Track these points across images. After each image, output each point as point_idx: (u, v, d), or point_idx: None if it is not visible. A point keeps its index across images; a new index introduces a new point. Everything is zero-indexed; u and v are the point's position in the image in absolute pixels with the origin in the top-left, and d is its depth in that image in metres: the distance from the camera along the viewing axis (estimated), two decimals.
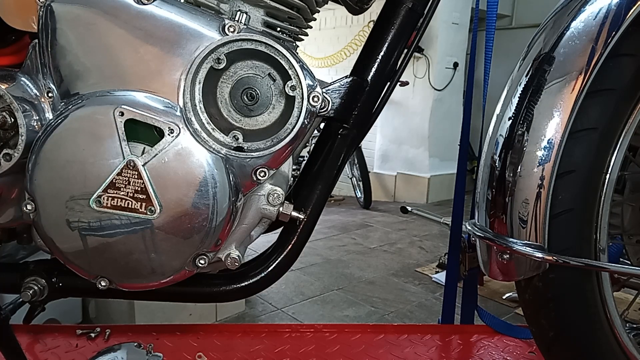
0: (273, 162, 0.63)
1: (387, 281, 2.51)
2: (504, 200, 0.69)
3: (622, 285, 1.03)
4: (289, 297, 2.26)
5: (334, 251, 2.99)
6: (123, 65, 0.61)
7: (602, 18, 0.65)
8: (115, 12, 0.60)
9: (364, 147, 4.52)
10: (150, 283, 0.64)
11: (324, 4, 0.71)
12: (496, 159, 0.70)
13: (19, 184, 0.62)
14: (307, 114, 0.62)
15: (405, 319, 2.09)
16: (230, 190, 0.61)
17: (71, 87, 0.62)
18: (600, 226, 0.70)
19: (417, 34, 0.74)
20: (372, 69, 0.70)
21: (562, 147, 0.65)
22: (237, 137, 0.61)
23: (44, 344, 1.01)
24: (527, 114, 0.67)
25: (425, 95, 4.55)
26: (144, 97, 0.60)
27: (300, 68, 0.61)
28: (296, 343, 1.06)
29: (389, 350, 1.05)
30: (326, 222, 3.64)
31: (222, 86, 0.63)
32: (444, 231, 3.39)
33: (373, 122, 0.75)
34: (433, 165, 4.63)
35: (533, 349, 1.08)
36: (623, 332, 0.73)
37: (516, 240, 0.68)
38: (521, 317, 1.82)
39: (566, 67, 0.66)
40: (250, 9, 0.63)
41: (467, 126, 1.23)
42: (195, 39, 0.60)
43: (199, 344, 1.04)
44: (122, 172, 0.58)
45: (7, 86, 0.61)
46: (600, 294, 0.71)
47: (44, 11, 0.60)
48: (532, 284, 0.72)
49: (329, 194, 0.72)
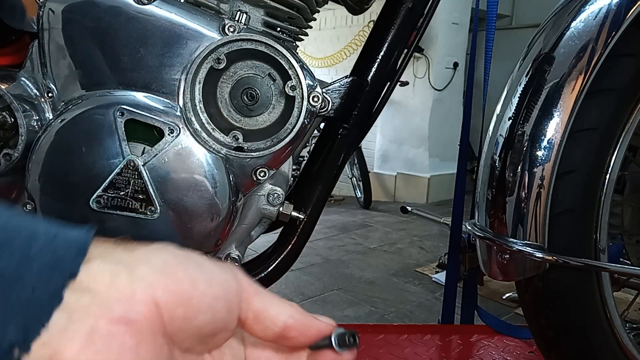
0: (273, 162, 0.63)
1: (387, 281, 2.51)
2: (504, 200, 0.69)
3: (622, 285, 1.03)
4: (289, 297, 2.26)
5: (334, 251, 2.99)
6: (123, 65, 0.61)
7: (602, 18, 0.65)
8: (115, 12, 0.60)
9: (364, 147, 4.51)
10: None
11: (324, 4, 0.70)
12: (496, 159, 0.70)
13: (19, 184, 0.62)
14: (307, 114, 0.62)
15: (405, 319, 2.09)
16: (230, 190, 0.61)
17: (71, 87, 0.62)
18: (600, 226, 0.70)
19: (417, 34, 0.74)
20: (372, 69, 0.70)
21: (562, 147, 0.65)
22: (237, 137, 0.61)
23: None
24: (527, 114, 0.67)
25: (425, 95, 4.55)
26: (144, 97, 0.60)
27: (300, 68, 0.61)
28: None
29: (389, 350, 1.05)
30: (326, 222, 3.64)
31: (222, 86, 0.62)
32: (444, 231, 3.39)
33: (373, 122, 0.75)
34: (433, 165, 4.63)
35: (533, 349, 1.08)
36: (623, 332, 0.73)
37: (516, 240, 0.68)
38: (521, 317, 1.82)
39: (566, 67, 0.66)
40: (250, 9, 0.63)
41: (467, 126, 1.23)
42: (195, 39, 0.60)
43: None
44: (122, 172, 0.58)
45: (7, 86, 0.61)
46: (600, 294, 0.71)
47: (43, 11, 0.60)
48: (532, 284, 0.72)
49: (329, 194, 0.72)
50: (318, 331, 0.29)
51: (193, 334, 0.26)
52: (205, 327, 0.26)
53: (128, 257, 0.25)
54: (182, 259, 0.26)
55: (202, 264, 0.27)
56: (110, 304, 0.23)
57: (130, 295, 0.23)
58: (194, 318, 0.25)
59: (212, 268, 0.27)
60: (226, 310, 0.27)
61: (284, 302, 0.30)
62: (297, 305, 0.30)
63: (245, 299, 0.28)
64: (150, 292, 0.24)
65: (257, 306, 0.28)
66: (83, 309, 0.22)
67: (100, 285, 0.23)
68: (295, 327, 0.29)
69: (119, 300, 0.23)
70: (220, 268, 0.28)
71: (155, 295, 0.24)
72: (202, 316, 0.25)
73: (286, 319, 0.29)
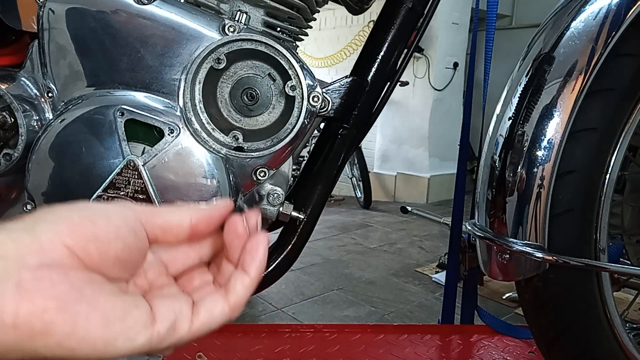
0: (273, 162, 0.63)
1: (387, 281, 2.51)
2: (504, 200, 0.69)
3: (622, 285, 1.03)
4: (289, 297, 2.26)
5: (334, 251, 2.98)
6: (123, 65, 0.61)
7: (602, 18, 0.65)
8: (115, 12, 0.60)
9: (364, 147, 4.51)
10: None
11: (324, 4, 0.70)
12: (496, 159, 0.70)
13: (19, 184, 0.62)
14: (307, 114, 0.62)
15: (405, 319, 2.08)
16: (230, 190, 0.61)
17: (71, 87, 0.62)
18: (600, 226, 0.70)
19: (417, 34, 0.74)
20: (372, 69, 0.70)
21: (562, 147, 0.65)
22: (237, 137, 0.61)
23: None
24: (527, 114, 0.67)
25: (425, 95, 4.55)
26: (144, 97, 0.60)
27: (300, 68, 0.61)
28: (296, 343, 1.06)
29: (389, 350, 1.05)
30: (326, 222, 3.64)
31: (222, 86, 0.62)
32: (444, 231, 3.39)
33: (373, 122, 0.75)
34: (433, 165, 4.63)
35: (533, 349, 1.08)
36: (623, 332, 0.73)
37: (516, 240, 0.68)
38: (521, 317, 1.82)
39: (566, 67, 0.66)
40: (250, 9, 0.63)
41: (467, 126, 1.23)
42: (195, 39, 0.60)
43: (199, 343, 1.04)
44: (122, 172, 0.58)
45: (7, 86, 0.61)
46: (600, 294, 0.71)
47: (43, 11, 0.60)
48: (532, 284, 0.72)
49: (329, 194, 0.72)
50: (220, 214, 0.34)
51: (114, 263, 0.29)
52: (121, 254, 0.29)
53: (24, 224, 0.27)
54: (74, 208, 0.29)
55: (93, 206, 0.31)
56: (24, 260, 0.25)
57: (39, 247, 0.26)
58: (108, 249, 0.28)
59: (104, 206, 0.31)
60: (133, 235, 0.30)
61: (180, 208, 0.34)
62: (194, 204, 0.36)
63: (147, 221, 0.32)
64: (57, 240, 0.27)
65: (160, 222, 0.32)
66: (1, 273, 0.25)
67: (8, 251, 0.25)
68: (201, 222, 0.34)
69: (30, 253, 0.26)
70: (112, 205, 0.31)
71: (63, 241, 0.27)
72: (114, 245, 0.29)
73: (190, 220, 0.33)
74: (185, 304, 0.31)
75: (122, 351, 0.27)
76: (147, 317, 0.28)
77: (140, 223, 0.31)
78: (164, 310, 0.29)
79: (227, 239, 0.34)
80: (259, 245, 0.33)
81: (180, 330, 0.30)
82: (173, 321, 0.29)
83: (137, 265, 0.32)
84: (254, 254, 0.33)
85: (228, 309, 0.32)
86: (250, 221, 0.34)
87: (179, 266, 0.35)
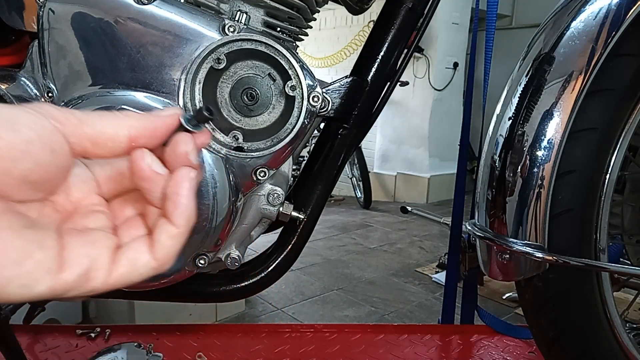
0: (273, 162, 0.63)
1: (387, 281, 2.51)
2: (504, 200, 0.69)
3: (622, 285, 1.03)
4: (289, 297, 2.26)
5: (334, 251, 2.99)
6: (123, 65, 0.61)
7: (602, 18, 0.65)
8: (115, 12, 0.60)
9: (364, 147, 4.52)
10: (150, 283, 0.64)
11: (324, 4, 0.70)
12: (496, 159, 0.70)
13: None
14: (307, 114, 0.62)
15: (405, 319, 2.09)
16: (230, 190, 0.61)
17: (71, 87, 0.62)
18: (600, 226, 0.70)
19: (417, 34, 0.74)
20: (372, 69, 0.70)
21: (562, 147, 0.65)
22: (237, 137, 0.61)
23: (44, 344, 1.01)
24: (527, 114, 0.67)
25: (425, 95, 4.55)
26: (144, 97, 0.60)
27: (300, 68, 0.61)
28: (296, 343, 1.06)
29: (389, 350, 1.05)
30: (326, 222, 3.64)
31: (222, 86, 0.62)
32: (444, 231, 3.39)
33: (373, 122, 0.75)
34: (433, 165, 4.63)
35: (533, 349, 1.08)
36: (623, 332, 0.73)
37: (516, 240, 0.68)
38: (521, 317, 1.82)
39: (566, 67, 0.66)
40: (250, 9, 0.63)
41: (467, 126, 1.23)
42: (195, 39, 0.60)
43: (199, 344, 1.04)
44: None
45: (7, 86, 0.61)
46: (600, 294, 0.71)
47: (43, 11, 0.60)
48: (532, 284, 0.72)
49: (329, 194, 0.72)
50: (166, 127, 0.28)
51: (20, 185, 0.24)
52: (31, 175, 0.24)
53: None
54: None
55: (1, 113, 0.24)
56: None
57: None
58: (11, 168, 0.23)
59: (14, 114, 0.24)
60: (49, 151, 0.24)
61: (115, 115, 0.27)
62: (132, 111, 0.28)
63: (72, 132, 0.26)
64: None
65: (90, 132, 0.26)
66: None
67: None
68: (141, 134, 0.27)
69: None
70: (26, 111, 0.25)
71: None
72: (21, 164, 0.23)
73: (128, 132, 0.27)
74: (104, 249, 0.26)
75: (16, 298, 0.23)
76: (52, 262, 0.24)
77: (61, 135, 0.25)
78: (77, 254, 0.25)
79: (137, 181, 0.28)
80: (180, 187, 0.27)
81: (94, 281, 0.25)
82: (85, 269, 0.25)
83: (55, 185, 0.26)
84: (175, 201, 0.27)
85: (154, 261, 0.28)
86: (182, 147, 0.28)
87: (113, 186, 0.30)
